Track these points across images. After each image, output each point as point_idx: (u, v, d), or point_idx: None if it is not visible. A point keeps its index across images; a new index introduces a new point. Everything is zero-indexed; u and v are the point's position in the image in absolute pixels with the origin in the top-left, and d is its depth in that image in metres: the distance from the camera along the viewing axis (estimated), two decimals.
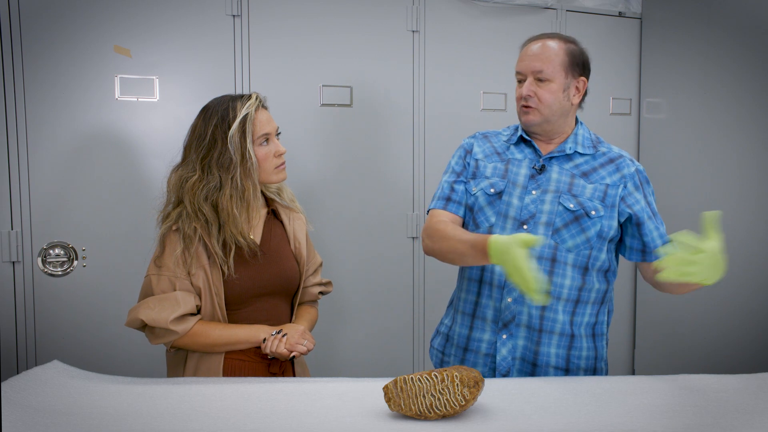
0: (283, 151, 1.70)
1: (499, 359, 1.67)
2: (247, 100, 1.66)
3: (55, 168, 2.24)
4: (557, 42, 1.67)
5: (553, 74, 1.65)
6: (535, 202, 1.66)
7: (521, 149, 1.74)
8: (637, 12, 3.07)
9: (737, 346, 2.62)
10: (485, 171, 1.74)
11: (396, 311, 2.76)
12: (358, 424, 1.28)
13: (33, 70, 2.18)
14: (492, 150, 1.77)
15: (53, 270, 2.26)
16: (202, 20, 2.38)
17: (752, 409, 1.34)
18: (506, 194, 1.69)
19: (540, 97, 1.65)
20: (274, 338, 1.63)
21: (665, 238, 1.68)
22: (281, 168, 1.72)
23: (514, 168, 1.71)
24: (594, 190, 1.66)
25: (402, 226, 2.74)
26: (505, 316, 1.67)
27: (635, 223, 1.67)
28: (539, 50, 1.66)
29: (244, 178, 1.64)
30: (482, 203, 1.71)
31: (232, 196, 1.63)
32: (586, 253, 1.65)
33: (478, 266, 1.70)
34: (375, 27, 2.63)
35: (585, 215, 1.64)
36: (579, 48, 1.70)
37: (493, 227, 1.68)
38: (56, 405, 1.34)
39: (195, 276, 1.62)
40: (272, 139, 1.69)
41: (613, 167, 1.69)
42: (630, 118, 3.11)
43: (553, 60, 1.64)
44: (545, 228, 1.64)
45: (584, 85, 1.70)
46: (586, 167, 1.69)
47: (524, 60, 1.68)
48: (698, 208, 2.79)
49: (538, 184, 1.68)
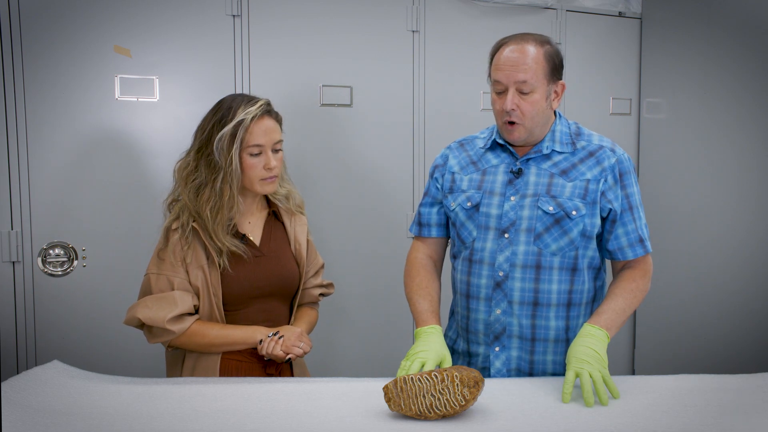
0: (273, 165, 1.64)
1: (493, 372, 1.64)
2: (251, 105, 1.62)
3: (55, 168, 2.24)
4: (534, 46, 1.56)
5: (536, 84, 1.55)
6: (514, 209, 1.61)
7: (497, 154, 1.68)
8: (637, 12, 3.07)
9: (737, 346, 2.62)
10: (461, 184, 1.68)
11: (396, 311, 2.76)
12: (358, 424, 1.28)
13: (33, 70, 2.18)
14: (468, 160, 1.71)
15: (53, 270, 2.26)
16: (202, 20, 2.38)
17: (752, 409, 1.34)
18: (483, 205, 1.63)
19: (523, 110, 1.56)
20: (270, 340, 1.63)
21: (633, 236, 1.62)
22: (269, 181, 1.66)
23: (490, 177, 1.66)
24: (574, 188, 1.59)
25: (402, 226, 2.74)
26: (496, 329, 1.63)
27: (611, 220, 1.62)
28: (518, 57, 1.55)
29: (224, 183, 1.61)
30: (462, 218, 1.67)
31: (209, 198, 1.61)
32: (572, 255, 1.60)
33: (464, 280, 1.68)
34: (375, 27, 2.63)
35: (566, 216, 1.58)
36: (555, 48, 1.60)
37: (475, 240, 1.64)
38: (56, 405, 1.34)
39: (193, 275, 1.62)
40: (266, 152, 1.64)
41: (593, 161, 1.62)
42: (630, 118, 3.11)
43: (534, 69, 1.54)
44: (527, 234, 1.59)
45: (563, 88, 1.62)
46: (565, 164, 1.62)
47: (503, 68, 1.56)
48: (698, 208, 2.80)
49: (516, 189, 1.62)
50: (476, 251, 1.64)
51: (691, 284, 2.80)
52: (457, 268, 1.71)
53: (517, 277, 1.60)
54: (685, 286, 2.82)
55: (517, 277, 1.60)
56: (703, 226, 2.76)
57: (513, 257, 1.60)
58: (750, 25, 2.52)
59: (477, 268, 1.64)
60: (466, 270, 1.66)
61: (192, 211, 1.63)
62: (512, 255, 1.60)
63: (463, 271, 1.67)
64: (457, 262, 1.72)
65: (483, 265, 1.63)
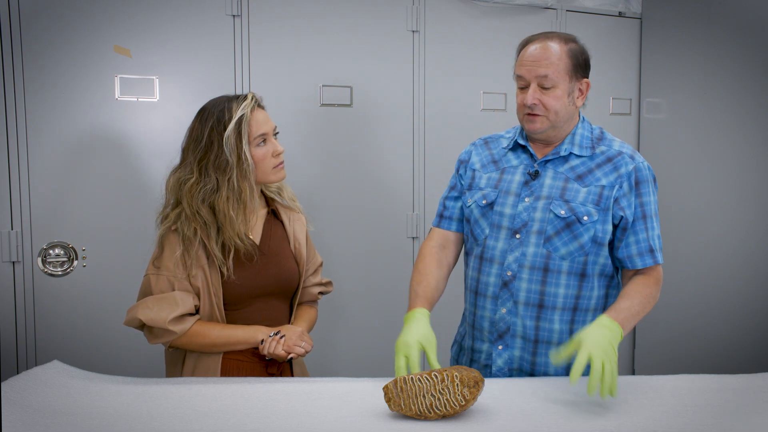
0: (280, 150, 1.69)
1: (494, 370, 1.65)
2: (242, 100, 1.65)
3: (55, 168, 2.24)
4: (558, 43, 1.59)
5: (558, 80, 1.57)
6: (527, 210, 1.61)
7: (517, 155, 1.69)
8: (637, 12, 3.07)
9: (737, 346, 2.62)
10: (480, 182, 1.70)
11: (396, 311, 2.75)
12: (358, 424, 1.28)
13: (33, 70, 2.18)
14: (489, 158, 1.73)
15: (53, 270, 2.26)
16: (202, 20, 2.38)
17: (752, 409, 1.34)
18: (498, 204, 1.65)
19: (545, 104, 1.58)
20: (271, 339, 1.63)
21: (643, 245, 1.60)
22: (280, 167, 1.70)
23: (508, 176, 1.67)
24: (588, 193, 1.59)
25: (402, 226, 2.74)
26: (500, 327, 1.63)
27: (622, 227, 1.61)
28: (541, 53, 1.57)
29: (240, 180, 1.63)
30: (477, 215, 1.68)
31: (228, 198, 1.62)
32: (581, 260, 1.60)
33: (474, 276, 1.69)
34: (375, 27, 2.63)
35: (577, 221, 1.57)
36: (580, 47, 1.62)
37: (487, 238, 1.66)
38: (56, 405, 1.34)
39: (194, 276, 1.62)
40: (269, 139, 1.68)
41: (610, 167, 1.61)
42: (630, 118, 3.11)
43: (556, 64, 1.56)
44: (537, 236, 1.59)
45: (587, 87, 1.63)
46: (582, 169, 1.62)
47: (526, 64, 1.59)
48: (698, 208, 2.80)
49: (531, 191, 1.62)
50: (487, 249, 1.65)
51: (691, 284, 2.80)
52: (469, 265, 1.73)
53: (524, 278, 1.60)
54: (685, 286, 2.82)
55: (525, 278, 1.60)
56: (703, 226, 2.76)
57: (522, 258, 1.60)
58: (750, 25, 2.52)
59: (487, 266, 1.65)
60: (477, 267, 1.68)
61: (198, 220, 1.62)
62: (521, 256, 1.60)
63: (474, 268, 1.69)
64: (469, 258, 1.73)
65: (493, 264, 1.64)
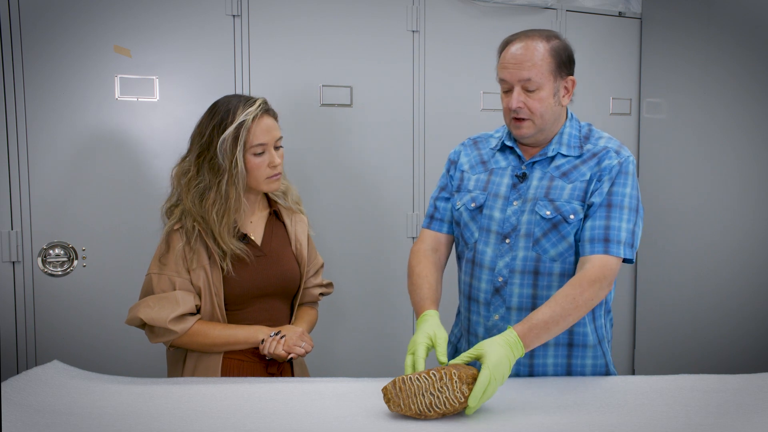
0: (277, 162, 1.65)
1: None
2: (249, 105, 1.62)
3: (55, 168, 2.24)
4: (540, 41, 1.53)
5: (542, 81, 1.52)
6: (516, 213, 1.58)
7: (505, 156, 1.65)
8: (637, 12, 3.07)
9: (737, 346, 2.62)
10: (468, 184, 1.67)
11: (396, 311, 2.76)
12: (358, 424, 1.28)
13: (33, 70, 2.18)
14: (478, 159, 1.69)
15: (53, 270, 2.26)
16: (202, 20, 2.38)
17: (752, 409, 1.34)
18: (487, 207, 1.61)
19: (531, 107, 1.53)
20: (272, 339, 1.63)
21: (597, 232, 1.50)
22: (274, 179, 1.67)
23: (496, 178, 1.63)
24: (573, 189, 1.55)
25: (402, 226, 2.74)
26: (494, 333, 1.59)
27: (585, 213, 1.54)
28: (523, 54, 1.52)
29: (229, 185, 1.61)
30: (466, 219, 1.65)
31: (215, 202, 1.61)
32: (571, 260, 1.56)
33: (466, 281, 1.67)
34: (375, 27, 2.63)
35: (563, 221, 1.54)
36: (563, 43, 1.56)
37: (477, 242, 1.63)
38: (56, 405, 1.34)
39: (195, 275, 1.62)
40: (269, 150, 1.64)
41: (594, 161, 1.57)
42: (630, 118, 3.11)
43: (539, 65, 1.51)
44: (525, 240, 1.56)
45: (573, 84, 1.58)
46: (567, 166, 1.58)
47: (508, 67, 1.54)
48: (698, 208, 2.80)
49: (519, 194, 1.59)
50: (478, 254, 1.63)
51: (691, 284, 2.80)
52: (461, 269, 1.71)
53: (515, 283, 1.58)
54: (685, 286, 2.82)
55: (516, 283, 1.58)
56: (702, 226, 2.76)
57: (512, 263, 1.58)
58: (750, 25, 2.52)
59: (478, 272, 1.63)
60: (469, 272, 1.66)
61: (196, 216, 1.62)
62: (512, 260, 1.58)
63: (467, 273, 1.67)
64: (461, 262, 1.71)
65: (483, 269, 1.61)
